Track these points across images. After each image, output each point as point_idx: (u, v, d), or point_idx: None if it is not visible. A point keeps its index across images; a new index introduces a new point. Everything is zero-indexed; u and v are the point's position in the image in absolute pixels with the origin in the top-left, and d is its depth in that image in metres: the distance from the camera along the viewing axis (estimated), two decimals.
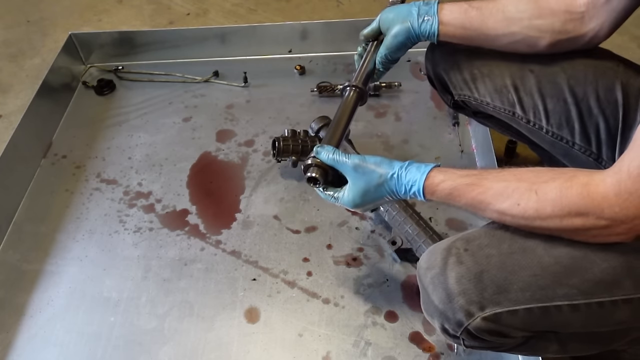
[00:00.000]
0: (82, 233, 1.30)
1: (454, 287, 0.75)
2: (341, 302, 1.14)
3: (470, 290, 0.74)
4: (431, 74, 1.12)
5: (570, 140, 0.98)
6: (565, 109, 0.97)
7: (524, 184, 0.73)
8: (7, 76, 1.86)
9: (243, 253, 1.24)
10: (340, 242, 1.24)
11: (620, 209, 0.66)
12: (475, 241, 0.78)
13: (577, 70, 0.97)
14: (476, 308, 0.74)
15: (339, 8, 2.08)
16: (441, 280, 0.76)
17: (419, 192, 0.82)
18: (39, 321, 1.15)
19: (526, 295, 0.73)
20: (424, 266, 0.81)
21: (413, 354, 1.06)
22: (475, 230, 0.82)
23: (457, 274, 0.75)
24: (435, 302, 0.78)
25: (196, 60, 1.75)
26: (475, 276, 0.74)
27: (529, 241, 0.75)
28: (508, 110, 1.03)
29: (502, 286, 0.74)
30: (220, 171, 1.43)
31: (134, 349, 1.10)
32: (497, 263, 0.75)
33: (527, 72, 1.00)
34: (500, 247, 0.76)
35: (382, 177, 0.84)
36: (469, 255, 0.76)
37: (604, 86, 0.95)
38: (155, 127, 1.56)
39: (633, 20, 0.88)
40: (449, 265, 0.77)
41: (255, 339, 1.10)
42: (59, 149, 1.52)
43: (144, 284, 1.20)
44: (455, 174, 0.80)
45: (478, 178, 0.78)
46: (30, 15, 2.14)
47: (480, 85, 1.04)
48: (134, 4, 2.18)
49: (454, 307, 0.75)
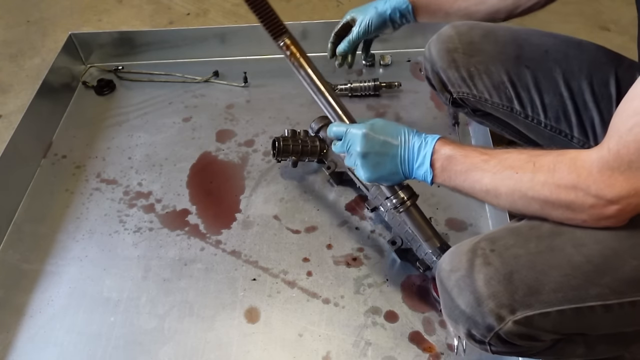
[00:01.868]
0: (82, 233, 1.30)
1: (482, 289, 0.72)
2: (341, 302, 1.14)
3: (501, 293, 0.71)
4: (429, 73, 1.13)
5: (569, 133, 0.99)
6: (561, 103, 0.98)
7: (524, 155, 0.74)
8: (7, 76, 1.86)
9: (243, 253, 1.24)
10: (340, 242, 1.24)
11: (605, 185, 0.66)
12: (500, 241, 0.76)
13: (572, 65, 0.98)
14: (507, 311, 0.71)
15: (339, 8, 2.08)
16: (468, 282, 0.73)
17: (427, 158, 0.81)
18: (39, 321, 1.15)
19: (558, 296, 0.70)
20: (447, 268, 0.77)
21: (413, 354, 1.06)
22: (497, 230, 0.80)
23: (486, 275, 0.72)
24: (462, 306, 0.74)
25: (196, 60, 1.75)
26: (505, 277, 0.71)
27: (556, 240, 0.73)
28: (506, 105, 1.03)
29: (534, 287, 0.71)
30: (220, 171, 1.43)
31: (134, 349, 1.10)
32: (526, 263, 0.72)
33: (523, 68, 1.01)
34: (527, 247, 0.74)
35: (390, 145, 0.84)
36: (496, 255, 0.74)
37: (598, 81, 0.96)
38: (155, 127, 1.56)
39: (633, 20, 0.89)
40: (475, 266, 0.74)
41: (255, 339, 1.10)
42: (59, 149, 1.51)
43: (144, 284, 1.20)
44: (460, 144, 0.82)
45: (484, 149, 0.79)
46: (30, 15, 2.14)
47: (478, 82, 1.05)
48: (134, 4, 2.18)
49: (484, 311, 0.72)
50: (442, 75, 1.09)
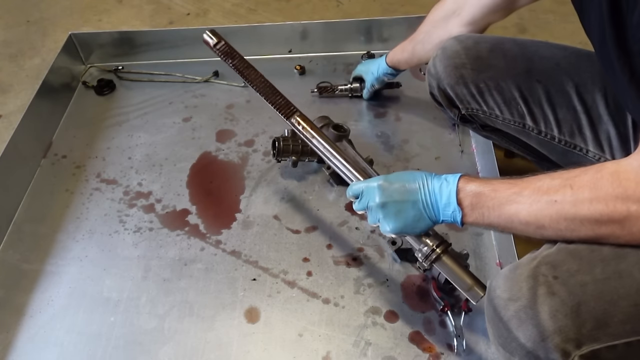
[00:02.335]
0: (82, 233, 1.30)
1: (548, 323, 0.67)
2: (341, 302, 1.14)
3: (568, 327, 0.66)
4: (434, 90, 1.11)
5: (584, 147, 0.96)
6: (575, 117, 0.96)
7: (557, 180, 0.70)
8: (7, 76, 1.86)
9: (243, 253, 1.24)
10: (340, 242, 1.24)
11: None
12: (563, 266, 0.71)
13: (584, 77, 0.96)
14: (572, 346, 0.66)
15: (339, 8, 2.08)
16: (530, 315, 0.68)
17: (452, 197, 0.78)
18: (39, 321, 1.15)
19: (627, 328, 0.67)
20: (504, 296, 0.71)
21: (413, 354, 1.06)
22: (554, 252, 0.74)
23: (551, 307, 0.67)
24: (521, 339, 0.69)
25: (196, 60, 1.75)
26: (572, 310, 0.67)
27: (622, 264, 0.69)
28: (518, 122, 1.01)
29: (602, 320, 0.67)
30: (220, 171, 1.43)
31: (134, 349, 1.09)
32: (593, 292, 0.68)
33: (534, 83, 0.98)
34: (593, 273, 0.69)
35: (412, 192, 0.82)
36: (561, 284, 0.69)
37: (611, 92, 0.94)
38: (155, 127, 1.56)
39: None
40: (539, 297, 0.68)
41: (255, 339, 1.10)
42: (59, 149, 1.52)
43: (144, 284, 1.20)
44: (484, 178, 0.79)
45: (511, 179, 0.75)
46: (30, 15, 2.14)
47: (488, 98, 1.03)
48: (134, 4, 2.18)
49: (548, 346, 0.67)
50: (450, 92, 1.07)
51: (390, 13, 2.00)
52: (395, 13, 2.00)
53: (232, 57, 1.02)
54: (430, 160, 1.41)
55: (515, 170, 1.38)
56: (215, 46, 1.03)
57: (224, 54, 1.02)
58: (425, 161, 1.41)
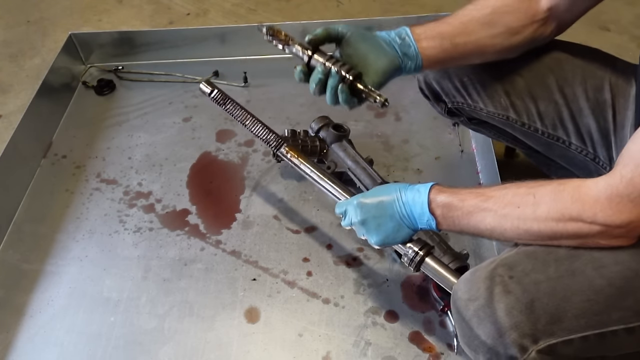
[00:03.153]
0: (82, 233, 1.30)
1: (504, 320, 0.70)
2: (341, 302, 1.14)
3: (523, 323, 0.69)
4: (422, 85, 1.13)
5: (567, 140, 0.98)
6: (557, 110, 0.97)
7: (522, 188, 0.74)
8: (7, 76, 1.86)
9: (243, 253, 1.24)
10: (340, 242, 1.24)
11: (613, 212, 0.66)
12: (518, 267, 0.74)
13: (565, 71, 0.97)
14: (529, 341, 0.70)
15: (339, 8, 2.08)
16: (488, 313, 0.72)
17: (425, 207, 0.81)
18: (39, 321, 1.15)
19: (581, 323, 0.69)
20: (464, 297, 0.75)
21: (413, 354, 1.06)
22: (513, 254, 0.77)
23: (507, 305, 0.71)
24: (482, 336, 0.72)
25: (196, 60, 1.75)
26: (527, 306, 0.70)
27: (575, 262, 0.72)
28: (502, 114, 1.03)
29: (556, 315, 0.70)
30: (220, 171, 1.43)
31: (134, 349, 1.10)
32: (547, 289, 0.71)
33: (516, 77, 1.00)
34: (547, 272, 0.72)
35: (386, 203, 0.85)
36: (516, 282, 0.72)
37: (593, 86, 0.95)
38: (155, 127, 1.56)
39: (633, 20, 0.89)
40: (495, 295, 0.72)
41: (255, 339, 1.10)
42: (59, 149, 1.51)
43: (144, 284, 1.20)
44: (453, 189, 0.82)
45: (479, 189, 0.80)
46: (30, 15, 2.14)
47: (472, 91, 1.05)
48: (134, 4, 2.18)
49: (506, 342, 0.70)
50: (436, 86, 1.09)
51: (390, 13, 2.00)
52: (395, 13, 2.00)
53: (224, 103, 1.15)
54: (430, 160, 1.41)
55: (516, 170, 1.38)
56: (210, 94, 1.16)
57: (217, 102, 1.15)
58: (425, 161, 1.41)
